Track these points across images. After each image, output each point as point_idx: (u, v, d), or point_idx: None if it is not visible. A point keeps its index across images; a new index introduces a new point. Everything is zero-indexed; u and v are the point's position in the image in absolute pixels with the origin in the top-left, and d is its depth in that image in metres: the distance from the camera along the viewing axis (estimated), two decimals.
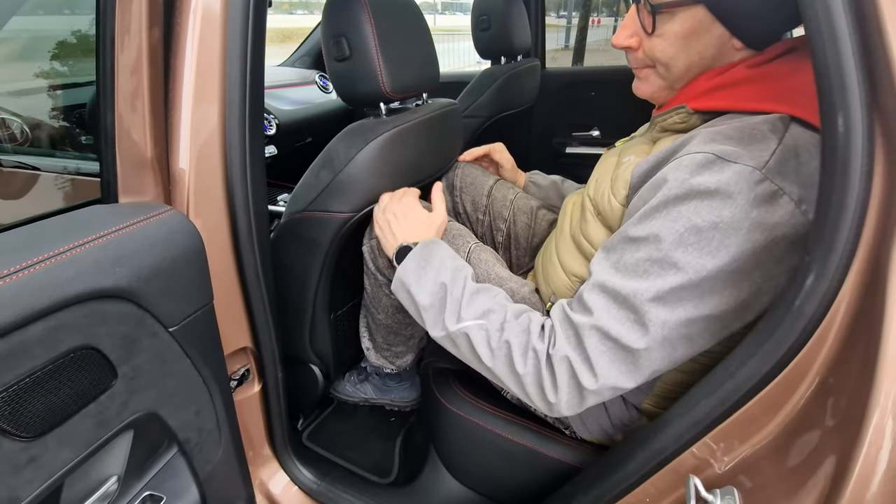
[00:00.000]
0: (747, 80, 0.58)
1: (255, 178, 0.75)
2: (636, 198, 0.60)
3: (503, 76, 1.53)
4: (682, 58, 0.61)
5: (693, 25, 0.59)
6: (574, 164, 2.05)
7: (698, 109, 0.61)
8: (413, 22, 0.94)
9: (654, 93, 0.68)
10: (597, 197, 0.69)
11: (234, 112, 0.70)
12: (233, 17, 0.67)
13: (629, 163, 0.65)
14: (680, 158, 0.54)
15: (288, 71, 2.13)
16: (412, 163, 0.98)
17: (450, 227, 0.90)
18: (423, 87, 0.98)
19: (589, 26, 7.92)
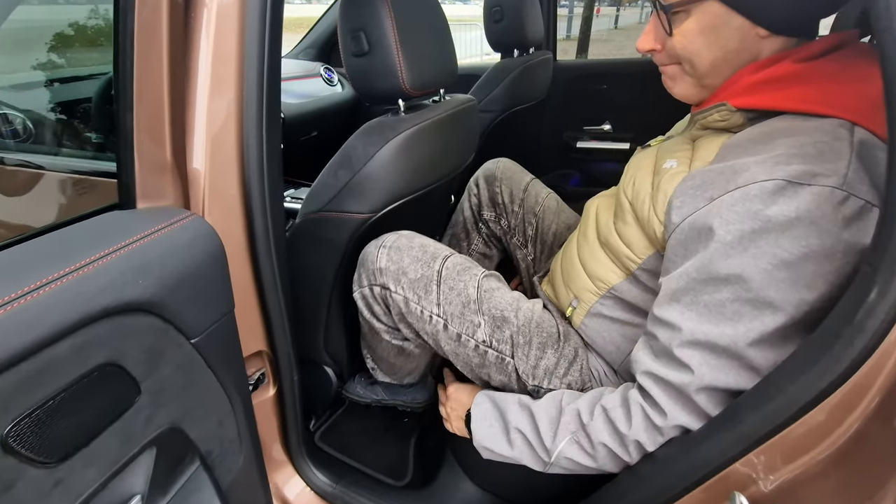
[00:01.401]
0: (795, 77, 0.55)
1: (273, 177, 0.73)
2: (681, 220, 0.56)
3: (517, 69, 1.50)
4: (705, 54, 0.59)
5: (709, 20, 0.57)
6: (585, 159, 2.03)
7: (740, 107, 0.58)
8: (432, 15, 0.91)
9: (687, 91, 0.65)
10: (636, 203, 0.66)
11: (251, 109, 0.67)
12: (250, 10, 0.63)
13: (672, 172, 0.62)
14: (746, 188, 0.49)
15: (292, 63, 2.09)
16: (432, 161, 0.95)
17: (452, 263, 0.85)
18: (442, 83, 0.96)
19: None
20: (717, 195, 0.52)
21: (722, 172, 0.53)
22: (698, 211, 0.53)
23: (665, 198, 0.60)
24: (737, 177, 0.51)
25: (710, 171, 0.56)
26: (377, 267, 0.84)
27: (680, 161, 0.63)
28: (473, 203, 1.21)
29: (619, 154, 1.96)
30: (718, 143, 0.60)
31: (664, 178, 0.62)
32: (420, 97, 0.92)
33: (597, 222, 0.80)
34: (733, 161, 0.54)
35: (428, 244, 0.87)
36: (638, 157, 0.75)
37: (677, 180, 0.59)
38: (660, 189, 0.61)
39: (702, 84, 0.63)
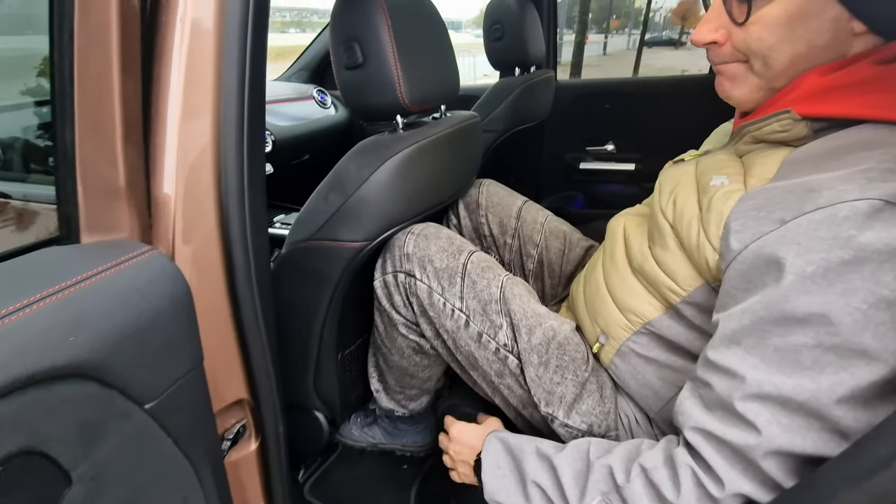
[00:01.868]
0: (876, 82, 0.46)
1: (255, 204, 0.63)
2: (743, 247, 0.46)
3: (519, 88, 1.43)
4: (786, 48, 0.49)
5: (799, 6, 0.48)
6: (589, 180, 1.95)
7: (808, 115, 0.49)
8: (432, 26, 0.84)
9: (750, 96, 0.55)
10: (680, 226, 0.57)
11: (230, 127, 0.58)
12: (229, 25, 0.55)
13: (725, 190, 0.52)
14: (832, 209, 0.40)
15: (284, 86, 2.03)
16: (433, 182, 0.86)
17: (477, 259, 0.79)
18: (443, 98, 0.88)
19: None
20: (791, 217, 0.43)
21: (792, 191, 0.44)
22: (765, 236, 0.44)
23: (720, 220, 0.50)
24: (815, 195, 0.42)
25: (774, 188, 0.46)
26: (405, 252, 0.79)
27: (731, 178, 0.54)
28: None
29: (624, 175, 1.89)
30: (778, 157, 0.51)
31: (715, 196, 0.52)
32: (419, 113, 0.83)
33: (626, 245, 0.70)
34: (804, 178, 0.45)
35: (454, 237, 0.82)
36: (673, 174, 0.66)
37: (733, 199, 0.50)
38: (711, 210, 0.52)
39: (771, 87, 0.53)
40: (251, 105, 0.59)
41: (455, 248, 0.79)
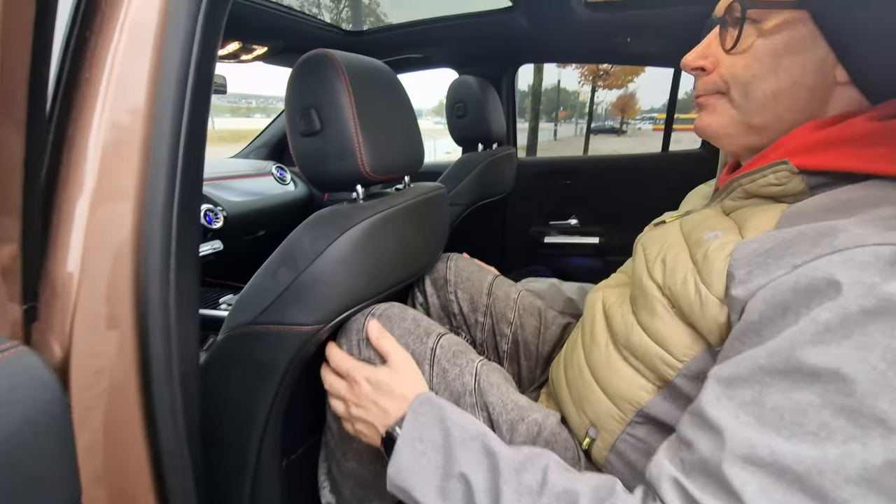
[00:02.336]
0: (875, 135, 0.43)
1: (184, 287, 0.53)
2: (750, 295, 0.40)
3: (483, 163, 1.42)
4: (769, 80, 0.48)
5: (790, 38, 0.46)
6: (553, 254, 1.93)
7: (806, 168, 0.45)
8: (395, 96, 0.80)
9: (723, 127, 0.53)
10: (674, 284, 0.50)
11: (156, 196, 0.49)
12: (165, 73, 0.48)
13: (720, 242, 0.47)
14: (850, 252, 0.35)
15: (241, 162, 1.97)
16: (397, 256, 0.78)
17: (447, 342, 0.69)
18: (407, 168, 0.82)
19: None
20: (804, 261, 0.37)
21: (803, 233, 0.39)
22: (775, 282, 0.38)
23: (721, 268, 0.44)
24: (830, 238, 0.37)
25: (781, 233, 0.42)
26: (364, 337, 0.69)
27: (726, 231, 0.48)
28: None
29: (589, 248, 1.88)
30: (774, 212, 0.47)
31: (711, 248, 0.47)
32: (382, 183, 0.77)
33: (607, 319, 0.63)
34: (811, 224, 0.40)
35: (421, 318, 0.73)
36: (656, 235, 0.61)
37: (730, 245, 0.45)
38: (709, 259, 0.46)
39: (747, 122, 0.51)
40: (187, 160, 0.50)
41: (422, 331, 0.70)
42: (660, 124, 39.11)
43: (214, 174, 1.65)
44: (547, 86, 23.58)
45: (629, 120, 31.71)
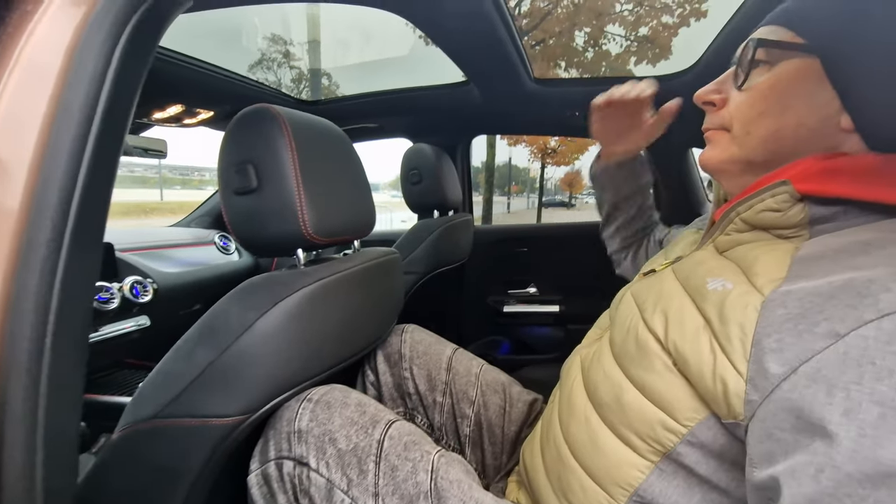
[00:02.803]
0: (883, 167, 0.41)
1: (62, 374, 0.41)
2: (789, 371, 0.35)
3: (439, 229, 1.38)
4: (774, 117, 0.47)
5: (798, 80, 0.46)
6: (513, 324, 1.87)
7: (808, 194, 0.42)
8: (344, 153, 0.75)
9: (723, 162, 0.52)
10: (681, 341, 0.43)
11: (30, 272, 0.39)
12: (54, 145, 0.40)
13: (736, 295, 0.41)
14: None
15: (180, 231, 1.85)
16: (342, 329, 0.69)
17: (397, 432, 0.59)
18: (356, 231, 0.75)
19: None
20: (848, 329, 0.33)
21: (833, 295, 0.35)
22: (819, 355, 0.33)
23: (744, 335, 0.38)
24: (870, 299, 0.33)
25: (805, 292, 0.37)
26: (295, 429, 0.58)
27: (733, 280, 0.43)
28: (370, 396, 0.86)
29: (549, 317, 1.83)
30: (781, 253, 0.42)
31: (728, 304, 0.41)
32: (326, 247, 0.69)
33: (586, 381, 0.55)
34: (837, 276, 0.36)
35: (367, 403, 0.63)
36: (648, 285, 0.55)
37: (754, 307, 0.39)
38: (728, 321, 0.40)
39: (747, 158, 0.50)
40: (77, 238, 0.40)
41: (367, 420, 0.59)
42: None
43: (146, 243, 1.52)
44: (499, 163, 24.93)
45: (576, 194, 33.64)
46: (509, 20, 1.01)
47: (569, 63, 6.30)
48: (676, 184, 1.71)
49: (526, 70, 1.25)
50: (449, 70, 1.33)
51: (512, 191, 29.71)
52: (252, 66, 7.02)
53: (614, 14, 5.93)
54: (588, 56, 6.34)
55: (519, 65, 1.18)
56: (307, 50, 5.75)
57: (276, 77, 7.43)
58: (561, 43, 5.83)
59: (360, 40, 7.91)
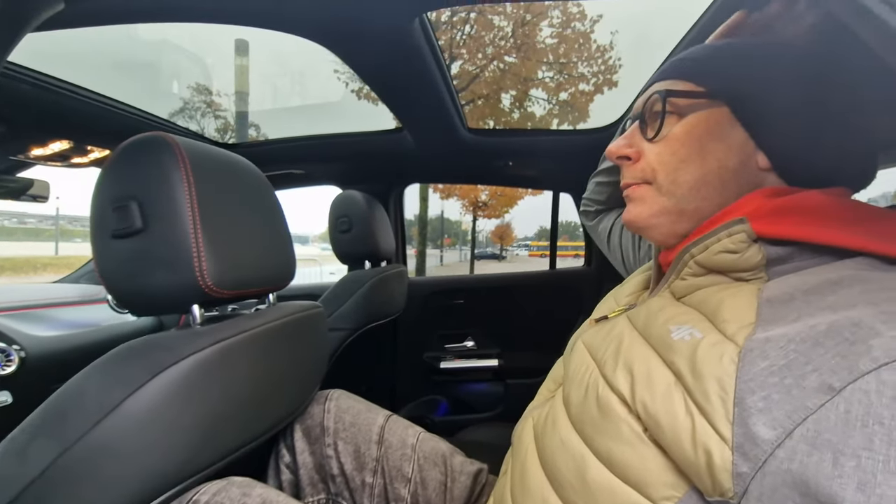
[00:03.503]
0: (836, 209, 0.40)
1: None
2: (783, 435, 0.30)
3: (370, 281, 1.27)
4: (697, 163, 0.45)
5: (711, 124, 0.46)
6: (450, 381, 1.76)
7: (765, 235, 0.39)
8: (257, 193, 0.65)
9: (654, 216, 0.48)
10: (651, 402, 0.37)
11: None
12: None
13: (707, 345, 0.36)
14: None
15: (66, 287, 1.59)
16: (248, 403, 0.56)
17: None
18: (270, 282, 0.64)
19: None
20: (843, 383, 0.29)
21: (819, 342, 0.31)
22: (815, 415, 0.29)
23: (724, 392, 0.33)
24: (861, 347, 0.29)
25: (786, 339, 0.33)
26: None
27: (700, 328, 0.38)
28: (286, 481, 0.73)
29: (488, 372, 1.74)
30: (746, 296, 0.38)
31: (699, 356, 0.36)
32: (231, 301, 0.58)
33: (542, 454, 0.47)
34: (818, 319, 0.32)
35: (272, 499, 0.52)
36: (603, 332, 0.49)
37: (730, 359, 0.34)
38: (700, 373, 0.35)
39: (680, 208, 0.47)
40: None
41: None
42: (534, 251, 43.37)
43: (17, 302, 1.28)
44: (432, 216, 25.45)
45: (507, 247, 34.78)
46: (445, 68, 0.99)
47: (497, 122, 6.65)
48: None
49: (460, 119, 1.23)
50: (382, 117, 1.29)
51: (445, 243, 30.20)
52: (173, 113, 6.70)
53: (537, 80, 6.40)
54: (514, 116, 6.74)
55: (454, 113, 1.16)
56: (234, 101, 5.61)
57: (200, 126, 7.13)
58: (489, 104, 6.15)
59: (290, 86, 7.84)
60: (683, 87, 0.47)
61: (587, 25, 5.94)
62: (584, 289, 1.80)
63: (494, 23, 5.93)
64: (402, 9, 0.73)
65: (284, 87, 7.02)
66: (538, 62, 6.19)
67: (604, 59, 6.16)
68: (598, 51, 6.11)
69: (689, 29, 0.82)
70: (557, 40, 6.12)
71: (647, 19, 7.74)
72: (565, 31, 5.98)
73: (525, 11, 5.76)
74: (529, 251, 44.80)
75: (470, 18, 5.86)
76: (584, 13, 5.87)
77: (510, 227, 28.72)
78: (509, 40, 6.10)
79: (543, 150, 1.43)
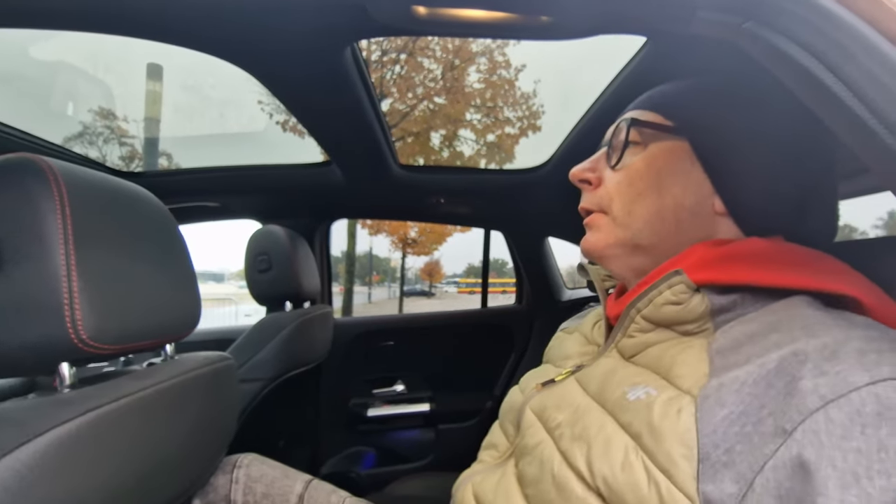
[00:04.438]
0: (779, 254, 0.41)
1: None
2: (745, 486, 0.29)
3: (291, 325, 1.17)
4: (652, 197, 0.46)
5: (671, 159, 0.46)
6: (378, 430, 1.64)
7: (706, 283, 0.39)
8: (155, 227, 0.56)
9: (609, 247, 0.49)
10: (611, 475, 0.35)
11: None
12: None
13: (663, 401, 0.35)
14: (846, 401, 0.28)
15: None
16: (130, 482, 0.46)
17: None
18: (169, 332, 0.55)
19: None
20: (794, 425, 0.29)
21: (771, 384, 0.31)
22: (771, 461, 0.29)
23: (686, 449, 0.32)
24: (807, 384, 0.30)
25: (739, 382, 0.33)
26: None
27: (655, 386, 0.37)
28: None
29: (419, 419, 1.66)
30: (697, 350, 0.38)
31: (656, 415, 0.34)
32: (114, 356, 0.48)
33: None
34: (764, 358, 0.33)
35: None
36: (554, 398, 0.46)
37: (685, 410, 0.33)
38: (660, 433, 0.33)
39: (634, 241, 0.47)
40: None
41: None
42: (463, 287, 43.88)
43: None
44: (360, 252, 25.10)
45: (436, 284, 34.89)
46: (376, 102, 0.96)
47: (426, 160, 6.77)
48: (536, 270, 1.78)
49: (392, 154, 1.20)
50: (308, 150, 1.23)
51: (373, 280, 29.75)
52: (69, 138, 6.07)
53: (466, 121, 6.65)
54: (444, 154, 6.91)
55: (385, 148, 1.12)
56: (144, 127, 5.19)
57: (101, 153, 6.51)
58: (419, 141, 6.27)
59: (210, 114, 7.40)
60: (651, 119, 0.48)
61: (512, 73, 6.33)
62: (515, 327, 1.80)
63: (424, 65, 6.15)
64: (333, 37, 0.69)
65: (202, 115, 6.65)
66: (467, 105, 6.46)
67: (528, 104, 6.56)
68: (522, 97, 6.50)
69: (613, 78, 0.86)
70: (485, 85, 6.44)
71: (569, 70, 8.37)
72: (492, 77, 6.31)
73: (454, 56, 6.05)
74: (459, 288, 45.31)
75: (400, 59, 6.03)
76: (508, 62, 6.30)
77: (439, 264, 28.94)
78: (439, 82, 6.31)
79: (475, 188, 1.43)
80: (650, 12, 0.47)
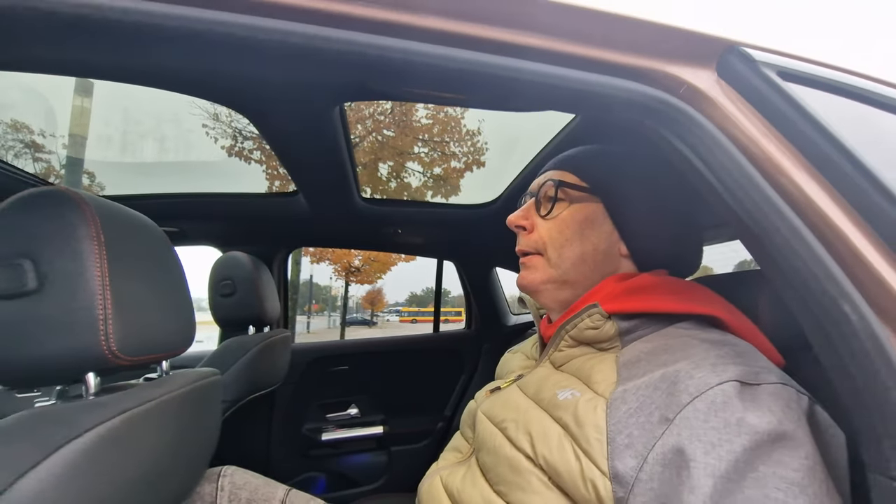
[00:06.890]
0: (662, 286, 0.55)
1: None
2: (641, 462, 0.41)
3: (255, 347, 1.20)
4: (577, 244, 0.58)
5: (586, 214, 0.59)
6: (331, 454, 1.67)
7: (614, 312, 0.52)
8: (165, 252, 0.63)
9: (542, 283, 0.60)
10: (549, 453, 0.46)
11: None
12: None
13: (585, 400, 0.47)
14: (706, 396, 0.40)
15: None
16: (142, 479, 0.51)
17: None
18: (173, 347, 0.61)
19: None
20: (674, 413, 0.41)
21: (657, 387, 0.44)
22: (659, 441, 0.40)
23: (600, 435, 0.43)
24: (680, 385, 0.42)
25: (637, 388, 0.45)
26: None
27: (579, 389, 0.49)
28: None
29: (371, 442, 1.70)
30: (608, 362, 0.50)
31: (580, 409, 0.46)
32: (131, 367, 0.54)
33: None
34: (655, 372, 0.45)
35: None
36: (500, 401, 0.58)
37: (602, 408, 0.45)
38: (584, 424, 0.45)
39: (563, 278, 0.59)
40: None
41: None
42: (405, 316, 43.49)
43: None
44: (300, 280, 24.35)
45: (378, 312, 34.40)
46: (350, 142, 1.05)
47: (374, 190, 6.85)
48: (485, 298, 1.91)
49: (356, 187, 1.29)
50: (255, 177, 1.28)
51: (313, 309, 28.82)
52: None
53: (413, 154, 6.83)
54: (392, 186, 7.02)
55: (352, 182, 1.22)
56: (67, 144, 4.84)
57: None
58: (366, 171, 6.34)
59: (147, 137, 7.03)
60: (572, 180, 0.60)
61: (458, 111, 6.63)
62: (464, 350, 1.90)
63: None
64: (329, 96, 0.80)
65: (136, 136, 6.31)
66: (414, 138, 6.65)
67: (472, 141, 6.87)
68: (467, 134, 6.80)
69: (558, 133, 1.02)
70: (432, 121, 6.67)
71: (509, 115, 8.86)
72: (439, 115, 6.56)
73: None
74: (401, 317, 44.86)
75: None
76: None
77: (382, 292, 28.67)
78: (388, 116, 6.47)
79: (430, 220, 1.55)
80: (581, 103, 0.61)
